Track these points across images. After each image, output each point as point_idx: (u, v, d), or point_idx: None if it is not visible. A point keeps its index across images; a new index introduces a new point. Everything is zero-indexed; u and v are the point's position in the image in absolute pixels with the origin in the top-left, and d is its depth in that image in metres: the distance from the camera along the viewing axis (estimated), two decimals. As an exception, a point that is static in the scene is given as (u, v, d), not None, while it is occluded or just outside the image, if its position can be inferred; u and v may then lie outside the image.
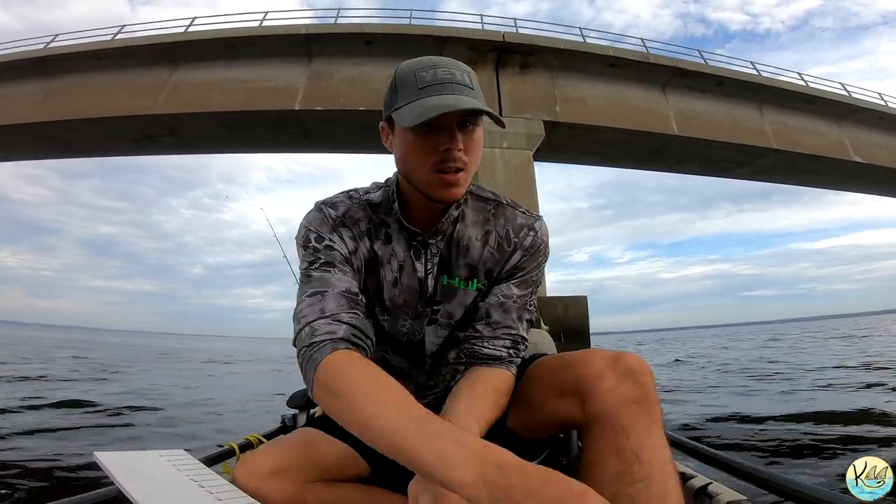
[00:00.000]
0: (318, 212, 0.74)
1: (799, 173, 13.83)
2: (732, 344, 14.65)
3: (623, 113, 10.78)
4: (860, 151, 12.83)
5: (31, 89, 10.68)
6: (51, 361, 9.38)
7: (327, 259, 0.69)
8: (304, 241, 0.72)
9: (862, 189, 15.90)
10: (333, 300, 0.65)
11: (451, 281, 0.76)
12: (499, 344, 0.73)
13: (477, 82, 0.67)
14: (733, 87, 11.64)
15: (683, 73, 11.22)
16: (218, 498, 0.56)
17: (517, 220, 0.78)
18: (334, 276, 0.68)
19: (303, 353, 0.61)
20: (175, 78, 10.39)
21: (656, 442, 0.57)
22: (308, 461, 0.70)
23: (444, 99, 0.61)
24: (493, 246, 0.77)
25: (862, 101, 12.99)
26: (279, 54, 10.17)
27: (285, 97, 9.92)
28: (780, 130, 12.06)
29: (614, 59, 10.71)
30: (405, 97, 0.65)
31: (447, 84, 0.63)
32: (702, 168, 13.55)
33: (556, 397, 0.69)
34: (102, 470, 0.60)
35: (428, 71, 0.64)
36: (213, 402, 5.41)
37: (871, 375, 5.67)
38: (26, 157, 13.41)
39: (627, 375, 0.60)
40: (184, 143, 11.81)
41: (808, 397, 4.25)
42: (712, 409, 3.85)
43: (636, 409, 0.58)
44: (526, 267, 0.77)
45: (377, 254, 0.75)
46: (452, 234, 0.76)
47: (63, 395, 4.75)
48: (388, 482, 0.72)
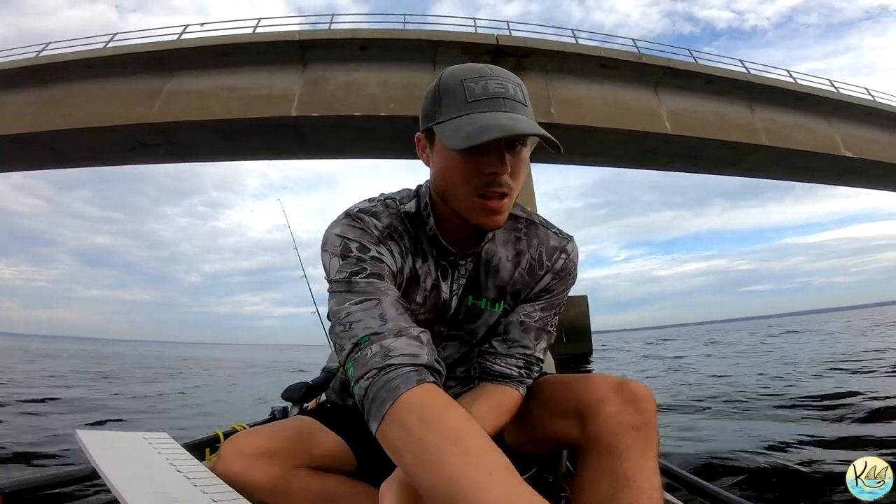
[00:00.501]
0: (356, 220, 0.66)
1: (790, 169, 14.01)
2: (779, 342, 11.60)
3: (617, 113, 10.90)
4: (850, 146, 13.02)
5: (25, 99, 10.66)
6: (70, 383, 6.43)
7: (375, 271, 0.62)
8: (343, 250, 0.63)
9: (854, 183, 16.12)
10: (392, 307, 0.58)
11: (476, 302, 0.73)
12: (511, 363, 0.72)
13: (528, 96, 0.61)
14: (723, 85, 11.80)
15: (674, 73, 11.36)
16: (194, 483, 0.55)
17: (550, 242, 0.74)
18: (385, 284, 0.62)
19: (372, 376, 0.52)
20: (169, 86, 10.39)
21: (649, 468, 0.57)
22: (298, 447, 0.69)
23: (497, 118, 0.55)
24: (525, 268, 0.73)
25: (850, 97, 13.19)
26: (274, 61, 10.22)
27: (281, 104, 9.96)
28: (770, 127, 12.22)
29: (607, 60, 10.83)
30: (451, 110, 0.58)
31: (499, 99, 0.57)
32: (695, 166, 13.71)
33: (556, 417, 0.69)
34: (81, 448, 0.59)
35: (478, 82, 0.58)
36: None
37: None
38: (21, 168, 13.34)
39: (631, 402, 0.60)
40: (179, 152, 11.82)
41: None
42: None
43: (635, 436, 0.58)
44: (554, 290, 0.74)
45: (417, 272, 0.70)
46: (481, 253, 0.72)
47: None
48: (373, 479, 0.70)
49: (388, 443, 0.50)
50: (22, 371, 8.61)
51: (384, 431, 0.50)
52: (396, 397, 0.49)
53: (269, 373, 10.93)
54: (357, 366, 0.54)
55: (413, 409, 0.48)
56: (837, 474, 1.76)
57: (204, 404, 4.76)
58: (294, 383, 1.20)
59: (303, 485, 0.66)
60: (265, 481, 0.63)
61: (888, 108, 13.67)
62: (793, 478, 1.76)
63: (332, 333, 0.61)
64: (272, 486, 0.64)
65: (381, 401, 0.50)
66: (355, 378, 0.54)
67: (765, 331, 21.14)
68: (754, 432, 2.48)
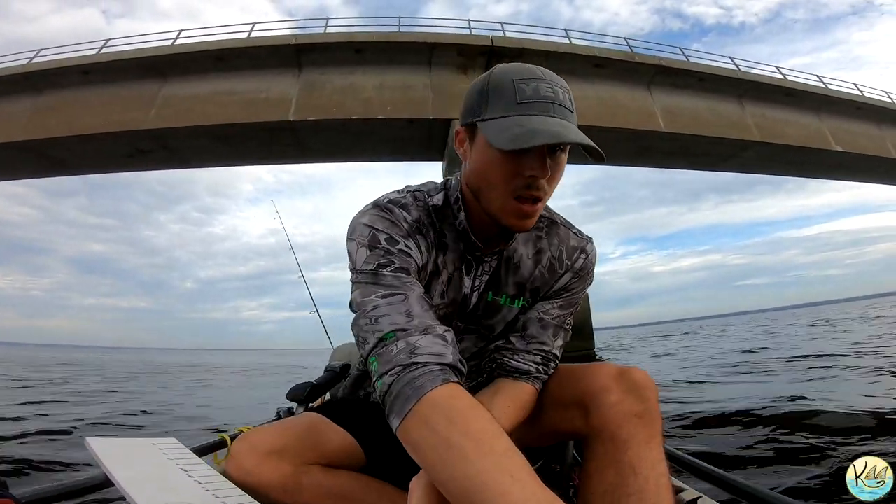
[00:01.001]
0: (386, 211, 0.65)
1: (783, 164, 14.18)
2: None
3: (612, 112, 11.01)
4: (841, 140, 13.20)
5: (18, 106, 10.57)
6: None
7: (402, 264, 0.61)
8: (371, 240, 0.62)
9: (845, 177, 16.32)
10: (418, 304, 0.58)
11: (496, 298, 0.74)
12: (529, 359, 0.72)
13: (574, 102, 0.61)
14: (715, 82, 11.93)
15: (667, 71, 11.48)
16: (206, 488, 0.56)
17: (570, 242, 0.75)
18: (411, 279, 0.61)
19: (396, 372, 0.52)
20: (165, 91, 10.36)
21: (654, 456, 0.57)
22: (309, 444, 0.69)
23: (548, 123, 0.56)
24: (545, 266, 0.74)
25: (838, 93, 13.36)
26: (270, 66, 10.21)
27: (279, 108, 9.95)
28: (761, 123, 12.38)
29: (600, 60, 10.95)
30: (499, 108, 0.58)
31: (550, 104, 0.57)
32: (689, 163, 13.85)
33: (559, 408, 0.70)
34: (92, 456, 0.60)
35: (529, 84, 0.58)
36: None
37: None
38: (16, 177, 13.22)
39: (632, 390, 0.61)
40: (176, 158, 11.78)
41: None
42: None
43: (638, 424, 0.59)
44: (573, 288, 0.76)
45: (438, 267, 0.70)
46: (503, 250, 0.73)
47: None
48: (383, 474, 0.72)
49: (411, 439, 0.49)
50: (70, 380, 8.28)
51: (407, 428, 0.50)
52: (421, 396, 0.49)
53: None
54: (381, 361, 0.54)
55: (439, 408, 0.48)
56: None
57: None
58: (298, 383, 1.21)
59: (315, 482, 0.66)
60: (277, 479, 0.63)
61: (876, 102, 13.86)
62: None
63: (356, 325, 0.59)
64: (284, 484, 0.64)
65: (406, 398, 0.50)
66: (378, 373, 0.54)
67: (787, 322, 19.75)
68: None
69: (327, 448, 0.70)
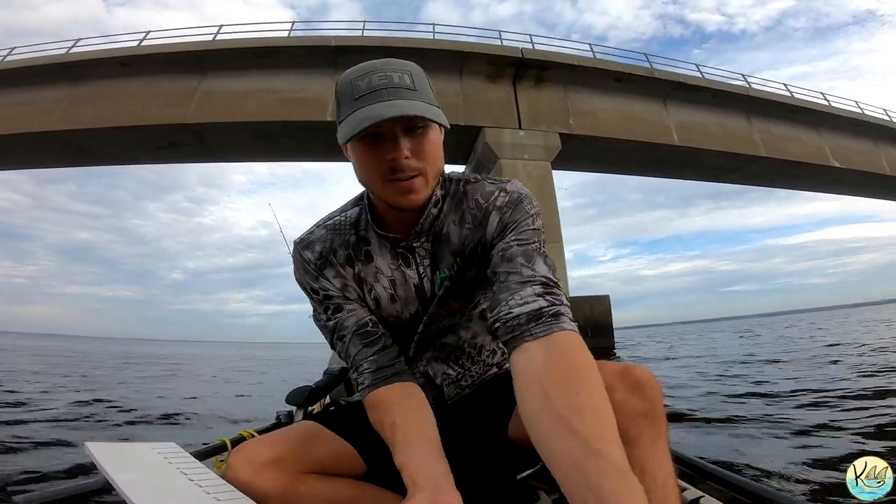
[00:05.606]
0: (297, 256, 0.74)
1: (784, 178, 14.89)
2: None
3: (629, 125, 11.59)
4: (838, 156, 13.94)
5: (55, 95, 10.72)
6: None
7: (329, 305, 0.73)
8: (302, 287, 0.75)
9: (841, 191, 17.09)
10: (353, 347, 0.71)
11: (443, 276, 0.74)
12: (526, 294, 0.60)
13: (423, 79, 0.63)
14: (726, 98, 12.58)
15: (683, 87, 12.09)
16: (207, 492, 0.56)
17: (486, 188, 0.73)
18: (345, 316, 0.72)
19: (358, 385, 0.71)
20: (204, 86, 10.62)
21: (661, 456, 0.57)
22: (305, 453, 0.69)
23: (374, 108, 0.58)
24: (469, 222, 0.72)
25: (838, 110, 14.06)
26: (307, 65, 10.53)
27: (316, 108, 10.29)
28: (767, 139, 13.06)
29: (621, 74, 11.50)
30: (345, 110, 0.62)
31: (381, 90, 0.59)
32: (698, 175, 14.52)
33: None
34: (92, 461, 0.59)
35: (363, 79, 0.61)
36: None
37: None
38: (47, 165, 13.33)
39: (636, 388, 0.58)
40: (209, 152, 12.05)
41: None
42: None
43: (643, 423, 0.57)
44: (515, 219, 0.69)
45: (374, 274, 0.74)
46: (435, 229, 0.73)
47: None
48: (383, 481, 0.72)
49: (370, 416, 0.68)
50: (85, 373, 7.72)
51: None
52: (363, 399, 0.69)
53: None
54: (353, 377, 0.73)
55: (370, 408, 0.68)
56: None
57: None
58: (297, 387, 1.23)
59: (312, 490, 0.67)
60: (274, 489, 0.64)
61: (874, 119, 14.58)
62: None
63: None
64: (282, 494, 0.64)
65: (364, 397, 0.70)
66: (358, 386, 0.71)
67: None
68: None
69: (324, 456, 0.71)
